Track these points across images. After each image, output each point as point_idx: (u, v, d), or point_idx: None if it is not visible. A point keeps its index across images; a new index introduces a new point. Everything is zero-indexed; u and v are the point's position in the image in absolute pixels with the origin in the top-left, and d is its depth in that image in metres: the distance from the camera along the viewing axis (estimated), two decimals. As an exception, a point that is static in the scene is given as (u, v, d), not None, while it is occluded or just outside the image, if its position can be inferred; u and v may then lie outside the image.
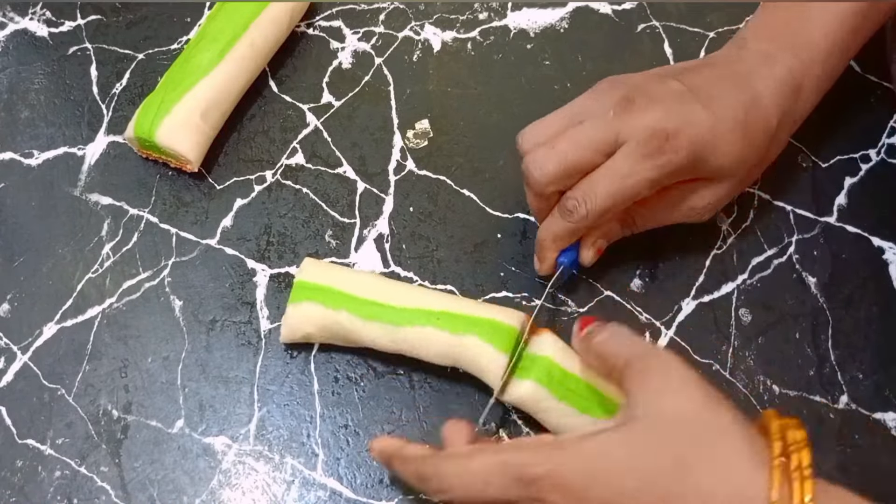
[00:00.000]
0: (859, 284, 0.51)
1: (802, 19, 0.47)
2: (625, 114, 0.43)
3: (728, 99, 0.44)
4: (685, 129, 0.43)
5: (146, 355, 0.50)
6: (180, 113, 0.52)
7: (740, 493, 0.32)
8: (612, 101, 0.43)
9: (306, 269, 0.49)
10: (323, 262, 0.51)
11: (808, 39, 0.46)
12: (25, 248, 0.54)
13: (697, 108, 0.43)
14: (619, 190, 0.43)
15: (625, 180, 0.43)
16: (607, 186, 0.43)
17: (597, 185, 0.43)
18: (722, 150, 0.44)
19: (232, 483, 0.48)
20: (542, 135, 0.45)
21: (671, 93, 0.44)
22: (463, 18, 0.59)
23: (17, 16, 0.61)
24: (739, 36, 0.48)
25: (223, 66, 0.53)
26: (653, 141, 0.42)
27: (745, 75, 0.45)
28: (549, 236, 0.47)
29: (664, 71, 0.46)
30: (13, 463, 0.48)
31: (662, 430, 0.35)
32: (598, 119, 0.43)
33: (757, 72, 0.45)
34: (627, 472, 0.34)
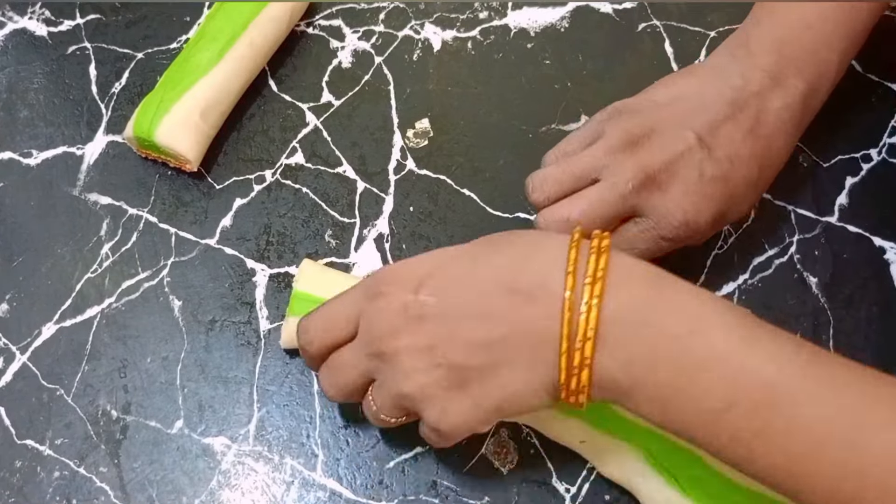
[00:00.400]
0: (860, 284, 0.51)
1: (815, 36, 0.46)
2: (644, 190, 0.44)
3: (743, 154, 0.44)
4: (704, 210, 0.44)
5: (145, 355, 0.50)
6: (179, 112, 0.52)
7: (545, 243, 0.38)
8: (631, 171, 0.44)
9: (304, 276, 0.49)
10: (321, 266, 0.51)
11: (821, 59, 0.46)
12: (24, 248, 0.53)
13: (715, 180, 0.44)
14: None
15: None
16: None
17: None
18: (734, 211, 0.46)
19: (231, 483, 0.47)
20: (552, 188, 0.46)
21: (690, 158, 0.43)
22: (463, 18, 0.59)
23: (17, 15, 0.61)
24: (744, 45, 0.47)
25: (223, 66, 0.53)
26: (672, 227, 0.44)
27: (755, 113, 0.45)
28: None
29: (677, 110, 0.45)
30: (12, 463, 0.48)
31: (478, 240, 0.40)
32: (615, 191, 0.44)
33: (770, 103, 0.45)
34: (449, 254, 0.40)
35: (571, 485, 0.47)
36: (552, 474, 0.47)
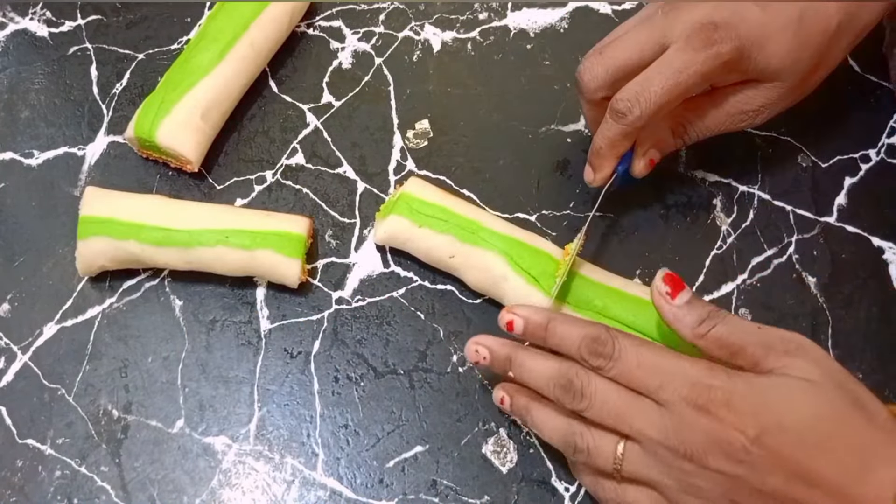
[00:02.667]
0: (859, 284, 0.51)
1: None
2: (672, 12, 0.43)
3: None
4: (733, 21, 0.42)
5: (146, 355, 0.51)
6: (180, 113, 0.52)
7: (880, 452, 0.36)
8: (660, 4, 0.44)
9: (88, 201, 0.50)
10: (105, 190, 0.52)
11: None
12: (26, 248, 0.54)
13: (748, 3, 0.43)
14: (671, 86, 0.43)
15: (676, 76, 0.43)
16: (658, 83, 0.43)
17: (648, 84, 0.43)
18: (772, 48, 0.43)
19: (232, 483, 0.48)
20: (598, 46, 0.46)
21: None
22: (463, 18, 0.59)
23: (18, 16, 0.61)
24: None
25: (223, 66, 0.53)
26: (701, 33, 0.42)
27: None
28: (604, 142, 0.46)
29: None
30: (13, 463, 0.48)
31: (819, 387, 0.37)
32: (646, 21, 0.44)
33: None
34: (795, 412, 0.37)
35: (571, 484, 0.47)
36: (551, 473, 0.47)
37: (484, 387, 0.49)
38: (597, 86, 0.45)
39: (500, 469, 0.47)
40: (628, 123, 0.44)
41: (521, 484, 0.47)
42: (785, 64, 0.44)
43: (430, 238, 0.49)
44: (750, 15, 0.43)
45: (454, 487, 0.47)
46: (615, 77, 0.45)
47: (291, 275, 0.49)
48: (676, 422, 0.38)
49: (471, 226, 0.49)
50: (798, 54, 0.44)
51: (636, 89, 0.43)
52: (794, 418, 0.36)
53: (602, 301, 0.47)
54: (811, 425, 0.36)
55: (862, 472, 0.35)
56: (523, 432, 0.48)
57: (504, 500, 0.47)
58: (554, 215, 0.53)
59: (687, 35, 0.43)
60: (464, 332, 0.50)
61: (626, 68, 0.44)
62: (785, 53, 0.44)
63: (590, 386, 0.40)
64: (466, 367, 0.50)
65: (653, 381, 0.39)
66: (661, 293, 0.41)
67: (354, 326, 0.51)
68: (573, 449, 0.41)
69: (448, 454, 0.48)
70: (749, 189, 0.53)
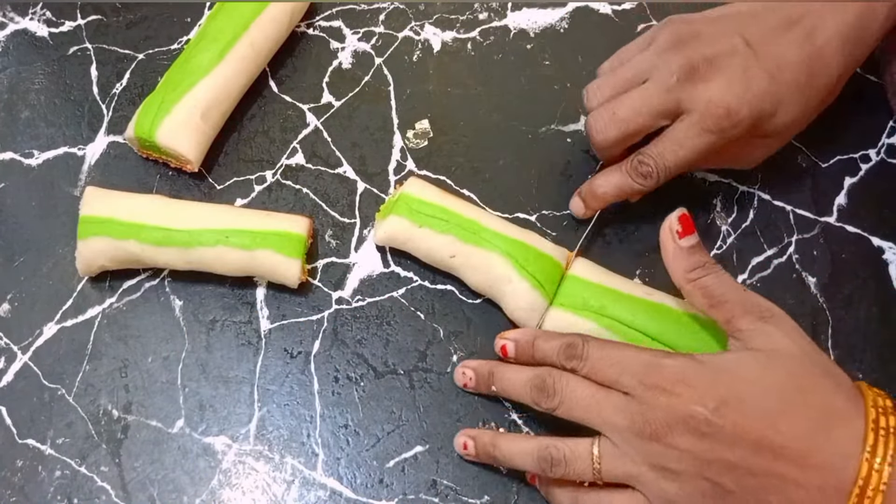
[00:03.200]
0: (859, 284, 0.51)
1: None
2: (688, 83, 0.45)
3: (791, 59, 0.45)
4: (747, 102, 0.44)
5: (146, 355, 0.51)
6: (180, 113, 0.52)
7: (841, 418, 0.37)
8: (676, 64, 0.45)
9: (88, 201, 0.50)
10: (105, 190, 0.52)
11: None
12: (26, 248, 0.54)
13: (760, 76, 0.45)
14: (686, 158, 0.46)
15: (690, 150, 0.46)
16: (675, 155, 0.46)
17: (666, 154, 0.46)
18: (781, 115, 0.46)
19: (232, 483, 0.48)
20: (606, 93, 0.48)
21: (734, 56, 0.45)
22: (463, 18, 0.59)
23: (18, 16, 0.61)
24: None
25: (223, 66, 0.53)
26: (715, 117, 0.45)
27: (809, 27, 0.45)
28: (612, 191, 0.49)
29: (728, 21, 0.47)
30: (13, 463, 0.48)
31: (785, 360, 0.39)
32: (660, 85, 0.46)
33: (822, 21, 0.45)
34: (753, 384, 0.38)
35: (571, 484, 0.47)
36: (552, 473, 0.47)
37: (484, 387, 0.49)
38: (608, 146, 0.48)
39: (501, 469, 0.47)
40: (648, 186, 0.48)
41: (521, 484, 0.47)
42: (791, 124, 0.47)
43: (431, 238, 0.49)
44: (761, 88, 0.45)
45: (454, 487, 0.47)
46: (627, 140, 0.48)
47: (291, 275, 0.49)
48: (638, 405, 0.39)
49: (472, 226, 0.49)
50: (805, 112, 0.47)
51: (655, 153, 0.47)
52: (752, 389, 0.38)
53: (599, 301, 0.47)
54: (771, 395, 0.38)
55: (824, 435, 0.37)
56: (523, 432, 0.48)
57: (504, 500, 0.47)
58: (554, 215, 0.53)
59: (701, 113, 0.45)
60: (464, 332, 0.50)
61: (638, 132, 0.47)
62: (793, 115, 0.46)
63: (560, 382, 0.42)
64: (466, 367, 0.50)
65: (614, 371, 0.40)
66: (671, 229, 0.43)
67: (354, 326, 0.51)
68: (549, 463, 0.42)
69: (448, 454, 0.48)
70: (749, 189, 0.53)
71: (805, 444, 0.37)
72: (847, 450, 0.36)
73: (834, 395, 0.38)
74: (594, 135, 0.48)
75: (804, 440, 0.37)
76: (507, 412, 0.48)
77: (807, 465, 0.36)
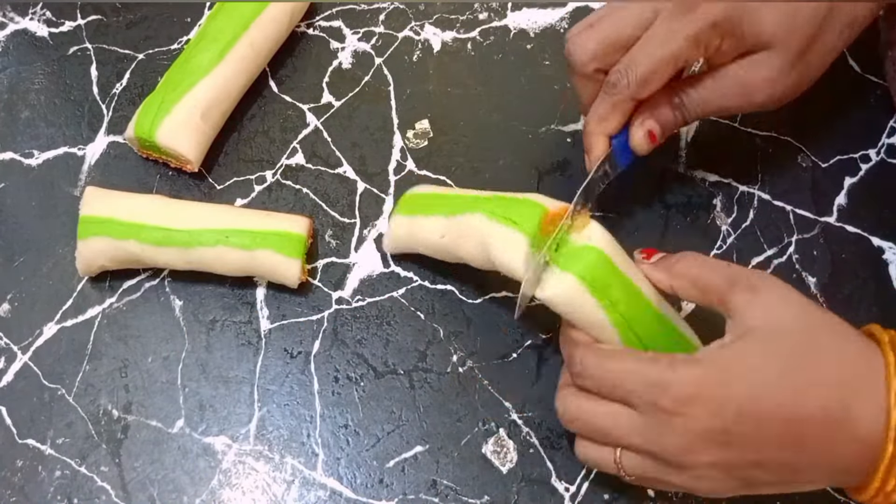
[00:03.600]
0: (859, 285, 0.51)
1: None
2: None
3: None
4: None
5: (146, 355, 0.51)
6: (180, 113, 0.52)
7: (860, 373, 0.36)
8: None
9: (88, 201, 0.50)
10: (105, 190, 0.52)
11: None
12: (26, 248, 0.54)
13: None
14: (659, 53, 0.43)
15: (664, 43, 0.42)
16: (647, 51, 0.43)
17: (637, 53, 0.43)
18: (763, 12, 0.43)
19: (232, 483, 0.48)
20: (587, 21, 0.45)
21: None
22: (463, 18, 0.59)
23: (18, 16, 0.61)
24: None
25: (223, 66, 0.53)
26: (685, 7, 0.42)
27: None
28: (594, 117, 0.46)
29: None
30: (13, 463, 0.48)
31: (785, 333, 0.37)
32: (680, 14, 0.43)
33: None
34: (761, 373, 0.36)
35: (571, 484, 0.47)
36: (551, 473, 0.47)
37: (484, 387, 0.49)
38: (588, 58, 0.44)
39: (500, 469, 0.47)
40: (618, 93, 0.44)
41: (521, 484, 0.47)
42: (778, 29, 0.43)
43: (423, 224, 0.48)
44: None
45: (454, 487, 0.47)
46: (606, 51, 0.44)
47: (291, 275, 0.49)
48: (654, 428, 0.38)
49: (454, 201, 0.47)
50: (791, 21, 0.43)
51: (626, 60, 0.43)
52: (763, 381, 0.36)
53: (619, 294, 0.42)
54: (782, 381, 0.36)
55: (845, 404, 0.36)
56: (523, 432, 0.48)
57: (504, 500, 0.47)
58: (554, 215, 0.53)
59: (671, 10, 0.42)
60: (464, 332, 0.50)
61: (619, 42, 0.44)
62: (777, 18, 0.43)
63: (571, 407, 0.41)
64: (466, 367, 0.50)
65: (620, 390, 0.39)
66: (637, 258, 0.43)
67: (354, 326, 0.51)
68: None
69: (448, 454, 0.48)
70: (749, 189, 0.53)
71: (826, 428, 0.36)
72: (871, 426, 0.35)
73: (845, 354, 0.37)
74: (573, 51, 0.44)
75: (825, 424, 0.36)
76: (508, 412, 0.48)
77: (832, 449, 0.36)
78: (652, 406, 0.38)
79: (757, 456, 0.37)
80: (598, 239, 0.42)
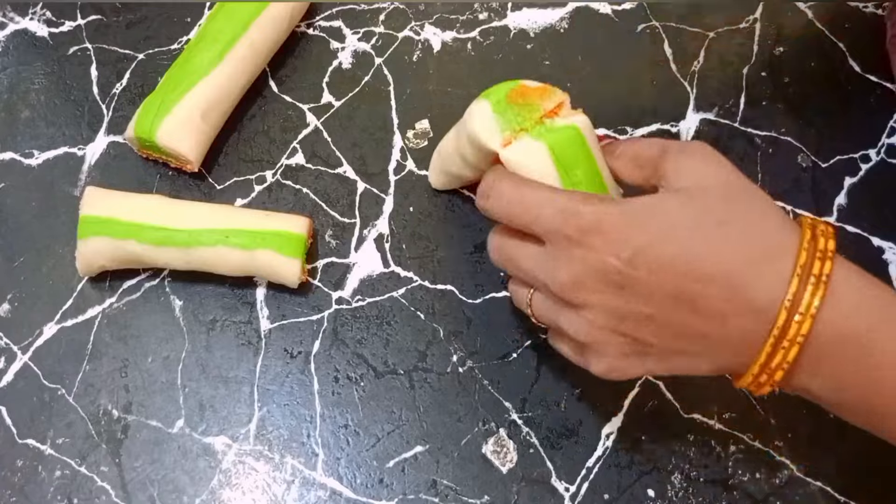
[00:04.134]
0: (859, 284, 0.51)
1: None
2: None
3: None
4: None
5: (146, 355, 0.51)
6: (180, 113, 0.52)
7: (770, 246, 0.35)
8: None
9: (88, 201, 0.50)
10: (105, 190, 0.52)
11: None
12: (26, 248, 0.54)
13: None
14: None
15: None
16: None
17: None
18: None
19: (232, 483, 0.48)
20: None
21: None
22: (463, 18, 0.59)
23: (18, 16, 0.61)
24: None
25: (223, 67, 0.53)
26: None
27: None
28: None
29: None
30: (13, 463, 0.48)
31: (704, 193, 0.37)
32: None
33: None
34: (670, 223, 0.36)
35: (571, 484, 0.47)
36: (551, 473, 0.47)
37: (484, 387, 0.49)
38: None
39: (500, 469, 0.47)
40: None
41: (521, 484, 0.47)
42: None
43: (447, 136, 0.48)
44: None
45: (454, 487, 0.47)
46: None
47: (291, 275, 0.49)
48: (553, 257, 0.37)
49: None
50: None
51: None
52: (670, 232, 0.35)
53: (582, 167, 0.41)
54: (689, 237, 0.35)
55: (745, 277, 0.34)
56: (523, 432, 0.48)
57: (504, 500, 0.47)
58: (554, 215, 0.53)
59: None
60: (464, 332, 0.50)
61: None
62: None
63: (495, 241, 0.41)
64: (466, 367, 0.50)
65: (528, 215, 0.38)
66: None
67: (354, 326, 0.51)
68: None
69: (448, 454, 0.48)
70: (749, 189, 0.53)
71: (724, 291, 0.34)
72: (770, 295, 0.34)
73: (762, 225, 0.36)
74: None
75: (723, 287, 0.34)
76: (508, 412, 0.48)
77: (726, 314, 0.35)
78: (555, 233, 0.37)
79: (647, 308, 0.36)
80: (581, 121, 0.42)
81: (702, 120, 0.55)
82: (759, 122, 0.55)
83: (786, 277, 0.34)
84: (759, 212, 0.36)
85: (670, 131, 0.55)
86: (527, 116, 0.41)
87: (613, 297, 0.36)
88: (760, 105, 0.55)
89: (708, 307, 0.35)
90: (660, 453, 0.47)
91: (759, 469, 0.47)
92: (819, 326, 0.34)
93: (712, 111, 0.55)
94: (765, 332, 0.34)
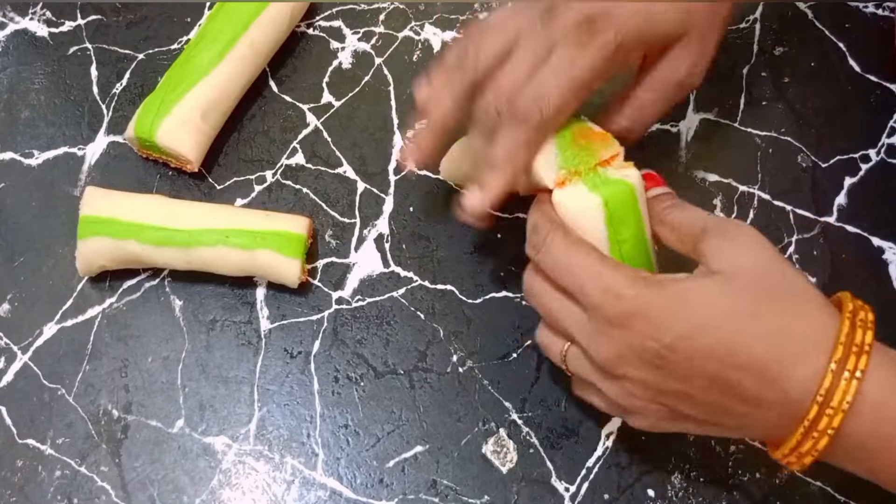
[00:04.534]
0: (859, 285, 0.51)
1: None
2: (551, 22, 0.41)
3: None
4: (608, 9, 0.41)
5: (146, 355, 0.51)
6: (180, 113, 0.52)
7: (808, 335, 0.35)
8: (538, 14, 0.42)
9: (88, 201, 0.51)
10: (105, 190, 0.52)
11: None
12: (26, 248, 0.54)
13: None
14: (568, 84, 0.41)
15: (570, 73, 0.41)
16: (555, 84, 0.41)
17: (544, 86, 0.41)
18: (658, 12, 0.42)
19: (232, 483, 0.48)
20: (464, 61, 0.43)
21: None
22: (463, 19, 0.59)
23: (18, 16, 0.61)
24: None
25: (223, 67, 0.53)
26: (580, 30, 0.41)
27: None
28: (502, 153, 0.42)
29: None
30: (13, 463, 0.48)
31: (742, 279, 0.37)
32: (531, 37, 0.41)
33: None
34: (709, 311, 0.36)
35: (571, 484, 0.47)
36: (551, 473, 0.47)
37: (484, 387, 0.49)
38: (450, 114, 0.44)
39: (500, 469, 0.47)
40: (532, 127, 0.41)
41: (521, 484, 0.47)
42: (680, 16, 0.43)
43: None
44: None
45: (454, 487, 0.47)
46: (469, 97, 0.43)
47: (291, 275, 0.49)
48: (594, 330, 0.38)
49: None
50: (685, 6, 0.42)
51: (533, 93, 0.41)
52: (709, 319, 0.36)
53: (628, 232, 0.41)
54: (726, 324, 0.36)
55: (785, 363, 0.35)
56: (523, 432, 0.48)
57: (504, 500, 0.47)
58: (554, 215, 0.53)
59: (565, 36, 0.41)
60: (464, 332, 0.50)
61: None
62: (673, 13, 0.42)
63: (535, 285, 0.41)
64: (466, 367, 0.50)
65: (575, 283, 0.38)
66: None
67: (354, 326, 0.51)
68: None
69: (448, 454, 0.48)
70: (749, 189, 0.53)
71: (759, 381, 0.35)
72: (804, 387, 0.34)
73: (799, 313, 0.36)
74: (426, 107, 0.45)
75: (757, 378, 0.35)
76: (508, 412, 0.48)
77: (761, 401, 0.35)
78: (596, 310, 0.37)
79: (684, 388, 0.37)
80: (634, 177, 0.42)
81: (702, 120, 0.55)
82: (759, 122, 0.55)
83: (820, 372, 0.34)
84: (798, 300, 0.37)
85: (670, 131, 0.55)
86: (584, 160, 0.41)
87: (653, 375, 0.37)
88: (760, 105, 0.55)
89: (743, 393, 0.36)
90: (660, 453, 0.47)
91: (759, 469, 0.47)
92: (851, 419, 0.34)
93: (712, 111, 0.55)
94: (797, 422, 0.35)
